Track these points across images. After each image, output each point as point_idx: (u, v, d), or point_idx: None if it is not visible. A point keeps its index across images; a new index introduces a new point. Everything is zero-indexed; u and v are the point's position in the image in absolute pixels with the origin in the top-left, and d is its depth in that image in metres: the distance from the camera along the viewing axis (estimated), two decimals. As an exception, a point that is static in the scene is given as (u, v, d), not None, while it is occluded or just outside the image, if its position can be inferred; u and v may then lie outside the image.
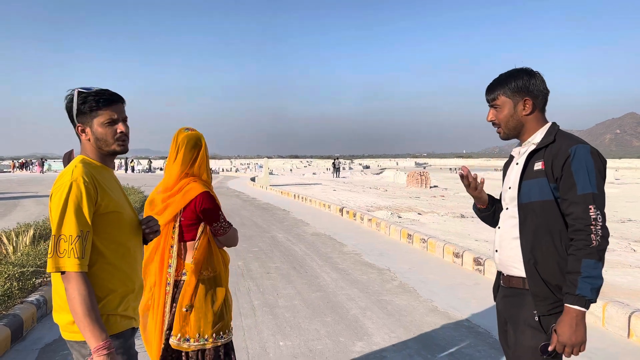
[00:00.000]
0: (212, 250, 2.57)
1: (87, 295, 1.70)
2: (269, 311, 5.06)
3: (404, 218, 11.73)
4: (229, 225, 2.60)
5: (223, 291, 2.60)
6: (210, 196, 2.52)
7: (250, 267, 7.10)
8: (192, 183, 2.52)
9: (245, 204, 17.01)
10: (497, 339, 4.26)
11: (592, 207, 1.85)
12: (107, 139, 1.89)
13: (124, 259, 1.89)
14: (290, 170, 62.90)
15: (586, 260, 1.81)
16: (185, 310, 2.48)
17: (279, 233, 10.38)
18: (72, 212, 1.72)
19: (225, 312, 2.59)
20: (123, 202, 1.95)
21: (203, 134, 2.66)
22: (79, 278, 1.70)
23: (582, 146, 1.93)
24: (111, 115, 1.88)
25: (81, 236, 1.72)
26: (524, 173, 2.05)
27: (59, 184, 1.78)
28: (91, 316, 1.69)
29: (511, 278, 2.09)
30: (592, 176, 1.88)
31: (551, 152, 1.98)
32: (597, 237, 1.82)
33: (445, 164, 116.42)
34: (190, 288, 2.50)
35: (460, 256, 7.27)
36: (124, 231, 1.90)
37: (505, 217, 2.13)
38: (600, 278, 1.82)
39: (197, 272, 2.51)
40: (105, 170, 1.93)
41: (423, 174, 26.40)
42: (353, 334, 4.43)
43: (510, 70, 2.13)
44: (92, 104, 1.85)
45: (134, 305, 1.95)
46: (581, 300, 1.81)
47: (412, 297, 5.62)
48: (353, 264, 7.33)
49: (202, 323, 2.49)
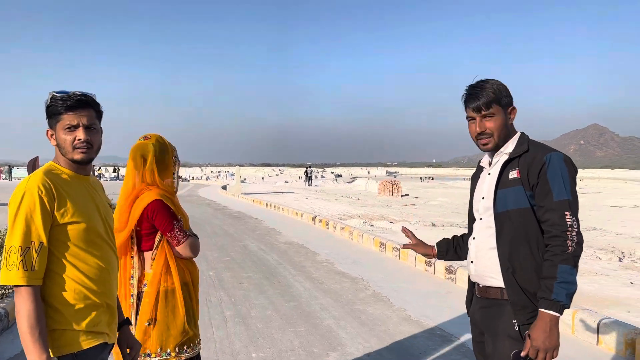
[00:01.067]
0: (173, 261, 2.45)
1: (33, 311, 1.61)
2: (241, 322, 4.98)
3: (376, 226, 11.78)
4: (185, 235, 2.44)
5: (188, 304, 2.48)
6: (162, 205, 2.41)
7: (222, 277, 6.98)
8: (146, 192, 2.44)
9: (216, 213, 16.80)
10: (470, 348, 4.28)
11: (567, 213, 1.87)
12: (65, 146, 1.78)
13: (89, 271, 1.79)
14: (262, 179, 62.61)
15: (562, 266, 1.83)
16: (147, 324, 2.37)
17: (251, 242, 10.27)
18: (22, 223, 1.64)
19: (190, 325, 2.47)
20: (91, 212, 1.84)
21: (166, 140, 2.56)
22: (26, 292, 1.62)
23: (556, 154, 1.96)
24: (71, 121, 1.76)
25: (31, 248, 1.63)
26: (498, 182, 2.05)
27: (14, 193, 1.71)
28: (33, 334, 1.60)
29: (488, 289, 2.07)
30: (567, 183, 1.91)
31: (526, 160, 1.99)
32: (573, 243, 1.84)
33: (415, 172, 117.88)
34: (150, 300, 2.39)
35: (432, 265, 7.32)
36: (90, 242, 1.80)
37: (480, 228, 2.12)
38: (575, 284, 1.84)
39: (156, 283, 2.40)
40: (75, 178, 1.83)
41: (394, 182, 26.64)
42: (327, 344, 4.38)
43: (488, 80, 2.10)
44: (57, 108, 1.77)
45: (106, 319, 1.85)
46: (556, 305, 1.81)
47: (386, 306, 5.61)
48: (326, 273, 7.30)
49: (164, 337, 2.38)
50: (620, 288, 5.99)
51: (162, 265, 2.42)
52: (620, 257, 8.35)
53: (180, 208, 2.57)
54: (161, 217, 2.39)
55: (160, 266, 2.42)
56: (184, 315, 2.45)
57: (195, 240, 2.52)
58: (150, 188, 2.46)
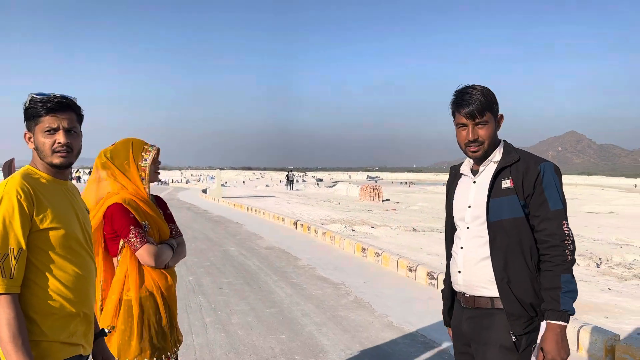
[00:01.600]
0: (134, 268, 2.34)
1: (14, 319, 1.54)
2: (221, 329, 4.90)
3: (357, 231, 11.77)
4: (142, 242, 2.30)
5: (154, 315, 2.35)
6: (121, 208, 2.31)
7: (202, 283, 6.88)
8: (112, 196, 2.36)
9: (196, 217, 16.63)
10: (451, 355, 4.27)
11: (564, 222, 1.89)
12: (44, 149, 1.72)
13: (67, 280, 1.72)
14: (243, 182, 62.31)
15: (565, 275, 1.84)
16: (107, 332, 2.27)
17: (232, 247, 10.16)
18: (1, 229, 1.57)
19: (155, 337, 2.34)
20: (69, 217, 1.77)
21: (123, 143, 2.46)
22: (5, 300, 1.55)
23: (548, 164, 1.96)
24: (51, 124, 1.71)
25: (9, 254, 1.57)
26: (491, 191, 2.01)
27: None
28: (16, 342, 1.53)
29: (477, 298, 2.03)
30: (560, 193, 1.94)
31: (518, 169, 1.97)
32: (570, 252, 1.87)
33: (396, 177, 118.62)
34: (111, 307, 2.30)
35: (414, 270, 7.32)
36: (68, 249, 1.73)
37: (469, 237, 2.08)
38: (576, 291, 1.86)
39: (119, 290, 2.31)
40: (53, 182, 1.77)
41: (375, 187, 26.75)
42: (309, 351, 4.33)
43: (476, 86, 2.05)
44: (37, 109, 1.71)
45: (82, 329, 1.78)
46: (564, 315, 1.83)
47: (368, 312, 5.59)
48: (308, 279, 7.25)
49: (123, 347, 2.28)
50: (599, 294, 6.06)
51: (124, 272, 2.33)
52: (598, 263, 8.47)
53: (151, 215, 2.43)
54: (117, 221, 2.31)
55: (122, 273, 2.33)
56: (152, 326, 2.34)
57: (154, 249, 2.34)
58: (117, 192, 2.39)
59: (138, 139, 2.50)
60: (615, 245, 10.66)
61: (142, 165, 2.43)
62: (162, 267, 2.41)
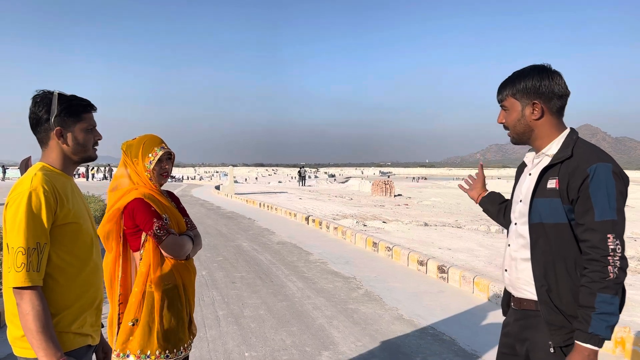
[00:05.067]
0: (157, 262, 2.38)
1: (42, 311, 1.61)
2: (234, 321, 4.98)
3: (369, 226, 11.80)
4: (166, 233, 2.36)
5: (175, 306, 2.41)
6: (142, 202, 2.36)
7: (215, 277, 6.98)
8: (132, 191, 2.40)
9: (209, 213, 16.77)
10: (461, 347, 4.31)
11: (610, 236, 1.65)
12: (88, 144, 1.89)
13: (81, 273, 1.79)
14: (255, 179, 62.53)
15: (601, 295, 1.63)
16: (131, 325, 2.32)
17: (244, 242, 10.26)
18: (30, 223, 1.62)
19: (176, 329, 2.40)
20: (83, 213, 1.86)
21: (138, 139, 2.50)
22: (34, 293, 1.61)
23: (602, 165, 1.70)
24: (92, 122, 1.90)
25: (37, 249, 1.62)
26: (536, 189, 1.84)
27: (16, 192, 1.68)
28: (45, 333, 1.60)
29: (522, 300, 1.92)
30: (612, 200, 1.67)
31: (567, 169, 1.75)
32: (615, 268, 1.63)
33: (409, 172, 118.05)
34: (136, 300, 2.35)
35: (425, 264, 7.35)
36: (83, 243, 1.81)
37: (514, 235, 1.95)
38: (615, 315, 1.65)
39: (142, 284, 2.36)
40: (65, 178, 1.84)
41: (387, 182, 26.69)
42: (319, 343, 4.39)
43: (523, 69, 1.90)
44: (78, 109, 1.83)
45: (91, 321, 1.85)
46: (594, 339, 1.63)
47: (378, 305, 5.64)
48: (319, 273, 7.31)
49: (145, 339, 2.33)
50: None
51: (148, 265, 2.37)
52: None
53: (170, 208, 2.50)
54: (140, 215, 2.34)
55: (146, 266, 2.37)
56: (172, 318, 2.39)
57: (178, 240, 2.41)
58: (136, 187, 2.44)
59: (153, 139, 2.51)
60: (630, 238, 10.57)
61: (147, 166, 2.46)
62: (184, 258, 2.47)
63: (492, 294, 5.80)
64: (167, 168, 2.54)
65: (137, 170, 2.47)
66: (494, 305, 5.60)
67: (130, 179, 2.47)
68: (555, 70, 1.86)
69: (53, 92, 1.80)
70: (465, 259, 7.59)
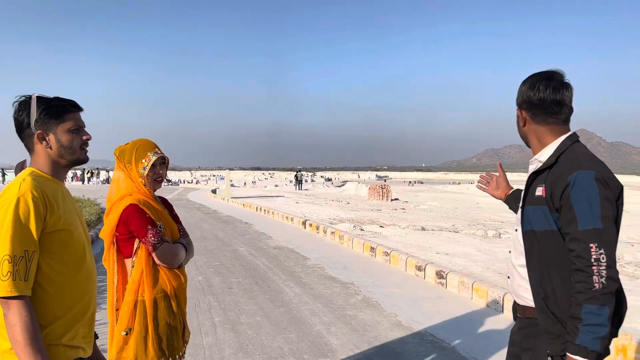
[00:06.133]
0: (149, 269, 2.35)
1: (30, 322, 1.54)
2: (230, 328, 4.92)
3: (366, 231, 11.76)
4: (160, 241, 2.33)
5: (169, 315, 2.38)
6: (137, 209, 2.32)
7: (211, 282, 6.91)
8: (126, 197, 2.37)
9: (206, 217, 16.69)
10: (461, 354, 4.27)
11: (593, 245, 1.61)
12: (74, 146, 1.80)
13: (72, 282, 1.73)
14: (252, 183, 62.44)
15: (587, 306, 1.59)
16: (125, 334, 2.28)
17: (241, 246, 10.19)
18: (17, 230, 1.56)
19: (170, 338, 2.37)
20: (74, 219, 1.79)
21: (131, 144, 2.46)
22: (21, 303, 1.54)
23: (584, 172, 1.67)
24: (77, 122, 1.81)
25: (25, 257, 1.56)
26: (526, 196, 1.84)
27: (3, 198, 1.61)
28: (34, 345, 1.53)
29: (525, 308, 1.89)
30: (596, 208, 1.63)
31: (552, 177, 1.74)
32: (601, 278, 1.59)
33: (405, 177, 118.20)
34: (128, 309, 2.30)
35: (423, 269, 7.30)
36: (74, 251, 1.74)
37: (514, 241, 1.94)
38: (605, 326, 1.59)
39: (135, 292, 2.31)
40: (56, 184, 1.78)
41: (384, 187, 26.68)
42: (317, 350, 4.34)
43: None
44: (59, 110, 1.75)
45: (83, 332, 1.79)
46: (582, 351, 1.60)
47: (376, 311, 5.58)
48: (316, 278, 7.25)
49: (141, 349, 2.29)
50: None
51: (140, 273, 2.33)
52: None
53: (164, 215, 2.46)
54: (134, 222, 2.30)
55: (138, 274, 2.33)
56: (166, 326, 2.36)
57: (172, 248, 2.38)
58: (130, 194, 2.39)
59: (146, 143, 2.47)
60: (627, 243, 10.56)
61: (140, 171, 2.42)
62: (177, 267, 2.43)
63: (491, 300, 5.75)
64: (162, 173, 2.50)
65: (131, 175, 2.42)
66: (493, 312, 5.56)
67: (126, 185, 2.42)
68: (552, 77, 1.82)
69: (32, 95, 1.74)
70: (463, 264, 7.55)
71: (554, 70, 1.86)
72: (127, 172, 2.42)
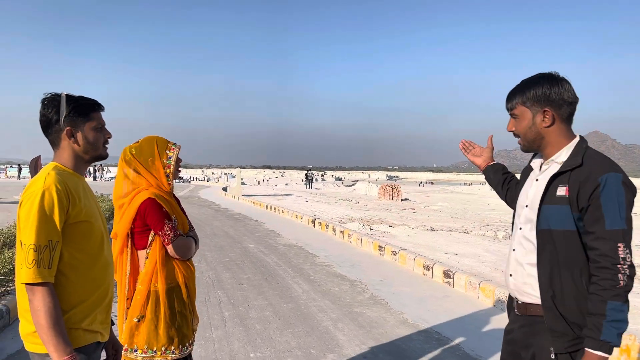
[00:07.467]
0: (162, 261, 2.46)
1: (53, 308, 1.65)
2: (239, 322, 5.02)
3: (375, 230, 11.81)
4: (176, 235, 2.44)
5: (179, 304, 2.49)
6: (154, 203, 2.42)
7: (221, 278, 7.02)
8: (142, 191, 2.46)
9: (217, 214, 16.84)
10: (466, 352, 4.33)
11: (621, 245, 1.67)
12: (98, 143, 1.93)
13: (92, 270, 1.84)
14: (264, 181, 62.65)
15: (612, 302, 1.64)
16: (137, 321, 2.40)
17: (251, 244, 10.31)
18: (42, 221, 1.67)
19: (181, 326, 2.48)
20: (94, 211, 1.90)
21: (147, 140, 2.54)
22: (45, 289, 1.65)
23: (613, 175, 1.72)
24: (101, 121, 1.94)
25: (49, 246, 1.67)
26: (545, 196, 1.85)
27: (30, 191, 1.72)
28: (56, 329, 1.64)
29: (528, 306, 1.91)
30: (623, 210, 1.69)
31: (578, 177, 1.77)
32: (625, 276, 1.66)
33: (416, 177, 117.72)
34: (142, 298, 2.41)
35: (431, 269, 7.35)
36: (94, 241, 1.86)
37: (520, 240, 1.96)
38: (626, 322, 1.66)
39: (148, 282, 2.43)
40: (77, 178, 1.89)
41: (394, 186, 26.66)
42: (324, 345, 4.42)
43: (532, 77, 1.93)
44: (86, 108, 1.88)
45: (101, 318, 1.89)
46: (605, 346, 1.65)
47: (383, 309, 5.65)
48: (325, 276, 7.33)
49: (151, 335, 2.40)
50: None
51: (153, 264, 2.44)
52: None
53: (177, 209, 2.56)
54: (152, 215, 2.41)
55: (152, 265, 2.44)
56: (176, 315, 2.46)
57: (186, 242, 2.50)
58: (146, 188, 2.49)
59: (161, 137, 2.59)
60: (637, 247, 10.51)
61: (167, 162, 2.53)
62: (188, 259, 2.56)
63: (498, 300, 5.80)
64: (180, 163, 2.65)
65: (152, 169, 2.51)
66: (499, 311, 5.60)
67: (139, 180, 2.50)
68: (564, 77, 1.89)
69: (61, 93, 1.84)
70: (471, 264, 7.58)
71: (554, 72, 1.91)
72: (144, 169, 2.50)
